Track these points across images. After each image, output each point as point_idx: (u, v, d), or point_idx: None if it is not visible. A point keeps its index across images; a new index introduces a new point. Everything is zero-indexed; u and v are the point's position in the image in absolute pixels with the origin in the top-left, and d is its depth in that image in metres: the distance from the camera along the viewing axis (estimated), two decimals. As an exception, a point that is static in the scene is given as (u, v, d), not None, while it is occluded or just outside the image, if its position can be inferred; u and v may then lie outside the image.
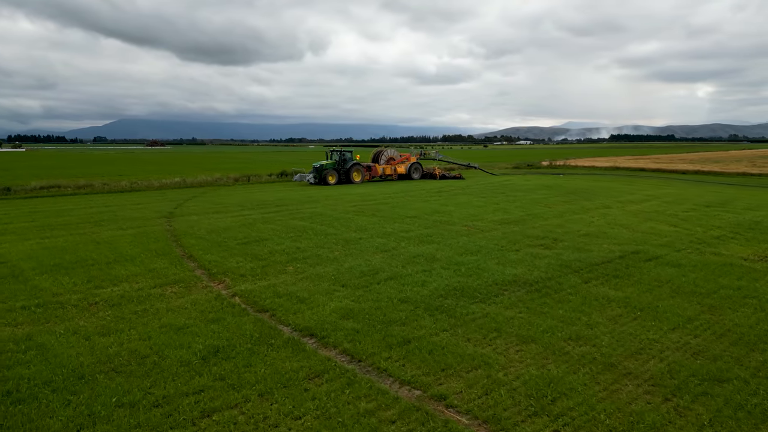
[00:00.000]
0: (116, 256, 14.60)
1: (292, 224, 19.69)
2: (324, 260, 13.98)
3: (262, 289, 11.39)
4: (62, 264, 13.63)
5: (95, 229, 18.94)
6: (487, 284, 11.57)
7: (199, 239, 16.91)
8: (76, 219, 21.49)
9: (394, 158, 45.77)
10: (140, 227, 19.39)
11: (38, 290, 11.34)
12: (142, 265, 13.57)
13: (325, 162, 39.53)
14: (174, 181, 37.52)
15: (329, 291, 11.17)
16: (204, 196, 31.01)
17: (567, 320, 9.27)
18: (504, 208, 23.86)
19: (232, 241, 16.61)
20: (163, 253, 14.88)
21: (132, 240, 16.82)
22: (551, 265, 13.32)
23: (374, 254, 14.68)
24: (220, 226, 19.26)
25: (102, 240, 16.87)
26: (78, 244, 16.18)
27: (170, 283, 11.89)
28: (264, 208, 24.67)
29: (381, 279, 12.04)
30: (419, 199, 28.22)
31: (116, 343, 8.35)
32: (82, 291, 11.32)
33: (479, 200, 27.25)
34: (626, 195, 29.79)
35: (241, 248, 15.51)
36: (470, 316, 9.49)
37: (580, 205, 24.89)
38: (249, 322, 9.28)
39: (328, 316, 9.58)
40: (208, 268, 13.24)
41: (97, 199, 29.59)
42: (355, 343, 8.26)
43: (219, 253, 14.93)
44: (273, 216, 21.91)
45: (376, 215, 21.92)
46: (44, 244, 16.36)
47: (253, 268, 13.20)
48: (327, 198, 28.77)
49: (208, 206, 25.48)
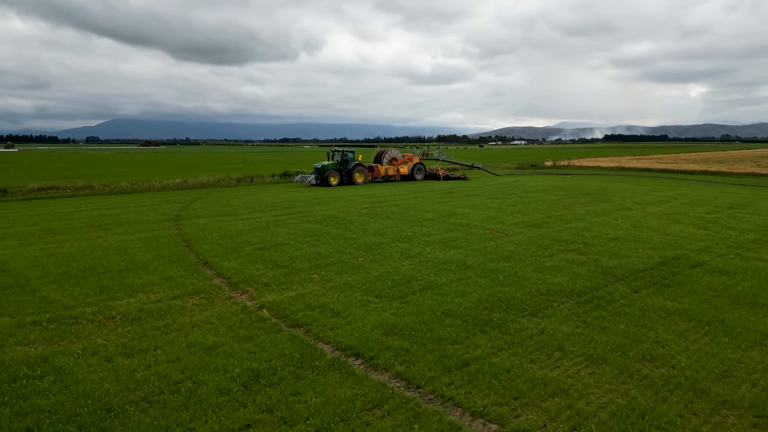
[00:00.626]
0: (127, 263, 13.72)
1: (306, 228, 18.86)
2: (349, 267, 13.16)
3: (290, 300, 10.55)
4: (71, 272, 12.74)
5: (101, 234, 18.03)
6: (531, 294, 10.79)
7: (213, 244, 16.05)
8: (79, 222, 20.56)
9: (397, 159, 44.85)
10: (148, 231, 18.50)
11: (48, 302, 10.47)
12: (157, 273, 12.70)
13: (326, 162, 38.58)
14: (175, 183, 36.58)
15: (364, 302, 10.35)
16: (208, 197, 30.11)
17: (633, 337, 8.49)
18: (522, 210, 23.11)
19: (248, 246, 15.76)
20: (177, 260, 14.01)
21: (142, 245, 15.94)
22: (592, 272, 12.56)
23: (400, 260, 13.88)
24: (232, 230, 18.39)
25: (110, 245, 15.97)
26: (85, 250, 15.28)
27: (190, 294, 11.04)
28: (273, 210, 23.81)
29: (416, 289, 11.23)
30: (431, 200, 27.43)
31: (142, 365, 7.50)
32: (95, 303, 10.46)
33: (494, 202, 26.48)
34: (642, 196, 29.11)
35: (259, 254, 14.67)
36: (525, 332, 8.69)
37: (599, 207, 24.17)
38: (285, 339, 8.45)
39: (369, 332, 8.76)
40: (228, 277, 12.40)
41: (98, 201, 28.63)
42: (408, 366, 7.44)
43: (236, 259, 14.08)
44: (284, 219, 21.07)
45: (392, 218, 21.11)
46: (49, 249, 15.45)
47: (276, 276, 12.37)
48: (335, 200, 27.94)
49: (215, 208, 24.59)
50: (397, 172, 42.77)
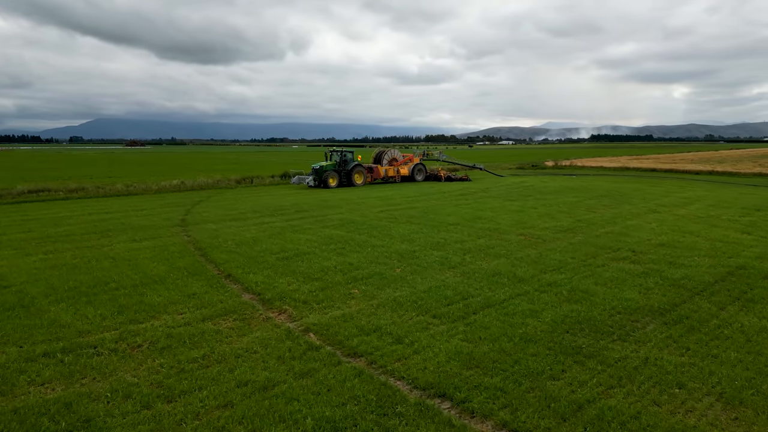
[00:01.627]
0: (141, 276, 12.32)
1: (326, 234, 17.54)
2: (389, 280, 11.88)
3: (337, 321, 9.26)
4: (79, 288, 11.32)
5: (104, 242, 16.56)
6: (608, 313, 9.60)
7: (231, 253, 14.67)
8: (79, 228, 19.04)
9: (397, 159, 43.37)
10: (155, 238, 17.06)
11: (59, 327, 9.07)
12: (177, 288, 11.32)
13: (324, 163, 36.85)
14: (172, 184, 35.00)
15: (423, 325, 9.09)
16: (210, 200, 28.62)
17: (754, 368, 7.31)
18: (547, 214, 21.97)
19: (269, 255, 14.42)
20: (196, 272, 12.64)
21: (153, 255, 14.53)
22: (660, 285, 11.41)
23: (442, 271, 12.64)
24: (247, 237, 17.02)
25: (117, 255, 14.54)
26: (90, 261, 13.84)
27: (221, 315, 9.70)
28: (283, 214, 22.43)
29: (475, 307, 9.98)
30: (446, 203, 26.21)
31: (189, 413, 6.17)
32: (115, 327, 9.08)
33: (513, 204, 25.31)
34: (661, 197, 28.14)
35: (284, 265, 13.34)
36: (628, 363, 7.48)
37: (624, 210, 23.12)
38: (349, 375, 7.16)
39: (445, 364, 7.49)
40: (258, 292, 11.06)
41: (93, 204, 27.02)
42: (513, 412, 6.19)
43: (262, 271, 12.74)
44: (299, 224, 19.72)
45: (413, 222, 19.86)
46: (50, 260, 13.98)
47: (312, 291, 11.06)
48: (345, 202, 26.61)
49: (221, 212, 23.15)
50: (397, 173, 41.39)
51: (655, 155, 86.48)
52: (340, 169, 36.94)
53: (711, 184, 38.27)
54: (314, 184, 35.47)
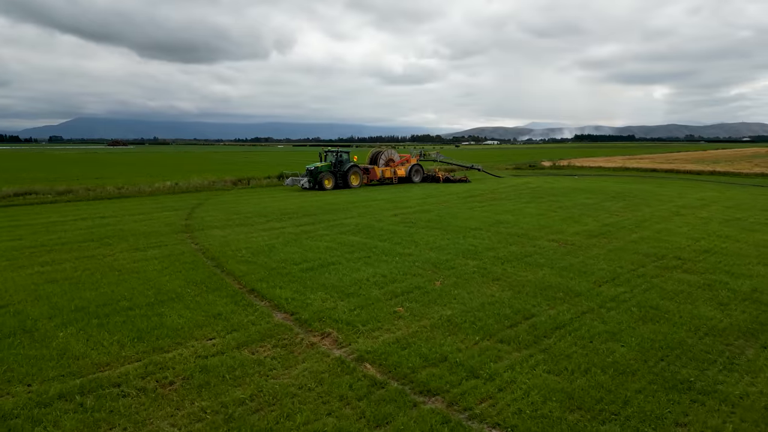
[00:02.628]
0: (155, 292, 11.01)
1: (346, 241, 16.33)
2: (433, 295, 10.73)
3: (393, 348, 8.07)
4: (87, 308, 10.00)
5: (105, 251, 15.18)
6: (695, 335, 8.55)
7: (248, 264, 13.41)
8: (74, 235, 17.60)
9: (394, 160, 41.91)
10: (161, 246, 15.72)
11: (72, 358, 7.77)
12: (198, 307, 10.05)
13: (320, 164, 35.23)
14: (166, 186, 33.47)
15: (494, 353, 7.94)
16: (209, 203, 27.21)
17: None
18: (569, 217, 20.96)
19: (292, 266, 13.18)
20: (215, 287, 11.36)
21: (162, 266, 13.21)
22: (733, 299, 10.43)
23: (486, 284, 11.52)
24: (261, 245, 15.75)
25: (123, 267, 13.19)
26: (94, 274, 12.48)
27: (257, 340, 8.46)
28: (292, 218, 21.15)
29: (544, 329, 8.86)
30: (459, 206, 25.10)
31: (256, 481, 4.95)
32: (137, 357, 7.81)
33: (528, 207, 24.28)
34: (676, 199, 27.32)
35: (311, 277, 12.11)
36: (752, 401, 6.41)
37: (646, 212, 22.21)
38: (435, 423, 6.00)
39: (541, 405, 6.36)
40: (291, 311, 9.84)
41: (86, 207, 25.47)
42: (653, 472, 5.06)
43: (288, 285, 11.50)
44: (312, 229, 18.47)
45: (433, 227, 18.72)
46: (48, 273, 12.60)
47: (352, 310, 9.86)
48: (353, 205, 25.39)
49: (224, 216, 21.80)
50: (394, 174, 39.99)
51: (649, 155, 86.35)
52: (336, 170, 35.44)
53: (716, 184, 37.67)
54: (309, 186, 33.92)
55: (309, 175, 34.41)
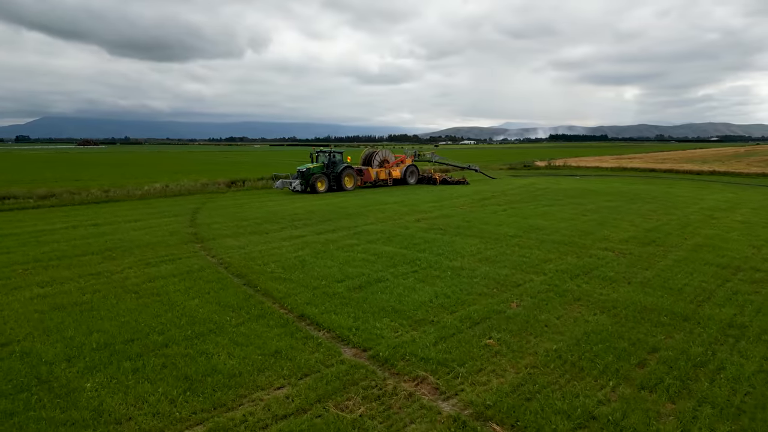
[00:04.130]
0: (187, 320, 9.23)
1: (379, 251, 14.69)
2: (520, 322, 9.19)
3: (515, 400, 6.50)
4: (111, 344, 8.18)
5: (111, 266, 13.25)
6: None
7: (283, 282, 11.68)
8: (69, 247, 15.58)
9: (389, 160, 39.80)
10: (174, 260, 13.86)
11: (112, 423, 6.00)
12: (248, 341, 8.32)
13: (311, 165, 33.06)
14: (155, 188, 31.31)
15: (647, 405, 6.42)
16: (208, 207, 25.23)
17: None
18: (605, 221, 19.61)
19: (334, 283, 11.50)
20: (258, 313, 9.63)
21: (185, 286, 11.39)
22: None
23: (573, 307, 10.04)
24: (288, 257, 14.01)
25: (139, 288, 11.32)
26: (108, 297, 10.61)
27: (339, 390, 6.80)
28: (307, 225, 19.38)
29: (683, 368, 7.37)
30: (481, 210, 23.59)
31: None
32: (197, 419, 6.09)
33: (555, 210, 22.89)
34: (698, 201, 26.28)
35: (364, 298, 10.46)
36: None
37: (680, 216, 21.03)
38: None
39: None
40: (363, 345, 8.19)
41: (73, 213, 23.29)
42: None
43: (342, 309, 9.82)
44: (336, 237, 16.76)
45: (466, 234, 17.20)
46: (52, 297, 10.68)
47: (436, 344, 8.26)
48: (366, 209, 23.72)
49: (232, 223, 19.91)
50: (389, 176, 37.97)
51: (637, 155, 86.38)
52: (329, 171, 33.32)
53: (723, 185, 36.95)
54: (301, 188, 31.70)
55: (300, 177, 32.28)
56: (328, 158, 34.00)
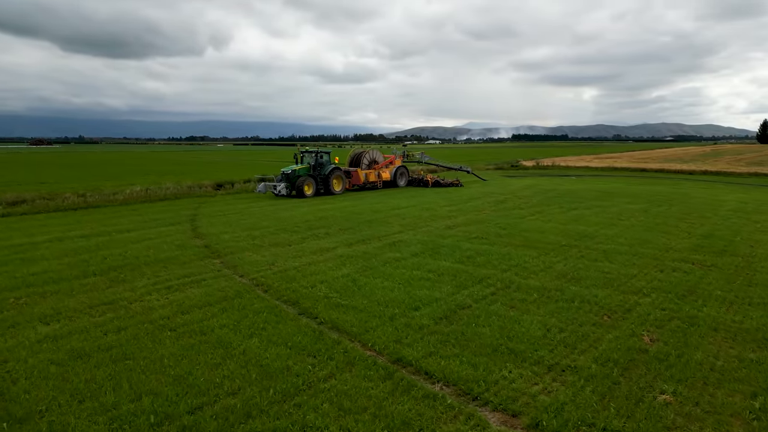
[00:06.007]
0: (259, 372, 7.14)
1: (434, 267, 12.77)
2: (679, 366, 7.42)
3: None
4: (176, 416, 6.05)
5: (124, 291, 10.91)
6: None
7: (346, 310, 9.64)
8: (65, 266, 13.10)
9: (378, 161, 37.41)
10: (198, 281, 11.61)
11: None
12: (356, 404, 6.33)
13: (297, 167, 30.49)
14: (135, 192, 28.54)
15: None
16: (205, 214, 22.76)
17: None
18: (651, 227, 18.15)
19: (410, 311, 9.54)
20: (345, 359, 7.60)
21: (231, 319, 9.21)
22: None
23: (713, 339, 8.39)
24: (334, 276, 11.95)
25: (174, 323, 9.09)
26: (139, 338, 8.36)
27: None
28: (330, 234, 17.26)
29: None
30: (507, 215, 21.84)
31: None
32: None
33: (585, 213, 21.36)
34: (722, 203, 25.30)
35: (463, 333, 8.54)
36: None
37: (718, 219, 19.84)
38: None
39: None
40: (509, 409, 6.29)
41: (54, 223, 20.52)
42: None
43: (447, 350, 7.88)
44: (373, 250, 14.75)
45: (514, 243, 15.46)
46: (65, 339, 8.36)
47: (605, 404, 6.42)
48: (382, 215, 21.72)
49: (244, 233, 17.62)
50: (378, 178, 35.59)
51: (619, 154, 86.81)
52: (316, 173, 30.86)
53: (726, 185, 36.47)
54: (287, 192, 29.21)
55: (285, 179, 29.77)
56: (314, 159, 31.46)
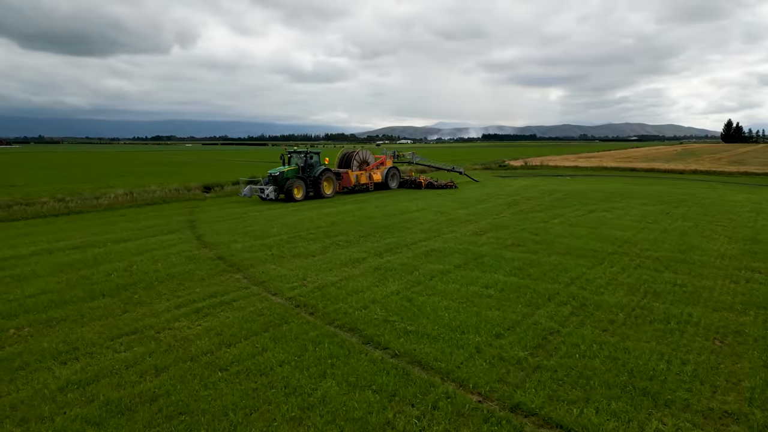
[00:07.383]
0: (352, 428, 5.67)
1: (485, 281, 11.49)
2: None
3: None
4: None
5: (146, 317, 9.29)
6: None
7: (420, 339, 8.26)
8: (65, 285, 11.34)
9: (369, 162, 35.91)
10: (226, 301, 10.07)
11: None
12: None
13: (285, 169, 28.69)
14: (119, 195, 26.50)
15: None
16: (203, 219, 20.99)
17: None
18: (686, 231, 17.26)
19: (494, 339, 8.26)
20: (452, 408, 6.25)
21: (289, 352, 7.75)
22: None
23: None
24: (381, 294, 10.56)
25: (221, 360, 7.56)
26: (185, 382, 6.84)
27: None
28: (351, 243, 15.79)
29: None
30: (523, 218, 20.72)
31: None
32: None
33: (607, 216, 20.38)
34: (736, 204, 24.77)
35: (573, 369, 7.27)
36: None
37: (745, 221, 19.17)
38: None
39: None
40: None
41: (34, 231, 18.50)
42: None
43: (568, 392, 6.60)
44: (407, 261, 13.40)
45: (559, 252, 14.31)
46: (93, 386, 6.80)
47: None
48: (395, 220, 20.34)
49: (256, 242, 16.02)
50: (369, 180, 34.12)
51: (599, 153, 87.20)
52: (305, 175, 29.16)
53: (724, 185, 36.25)
54: (275, 196, 27.37)
55: (273, 182, 27.93)
56: (303, 160, 29.58)
